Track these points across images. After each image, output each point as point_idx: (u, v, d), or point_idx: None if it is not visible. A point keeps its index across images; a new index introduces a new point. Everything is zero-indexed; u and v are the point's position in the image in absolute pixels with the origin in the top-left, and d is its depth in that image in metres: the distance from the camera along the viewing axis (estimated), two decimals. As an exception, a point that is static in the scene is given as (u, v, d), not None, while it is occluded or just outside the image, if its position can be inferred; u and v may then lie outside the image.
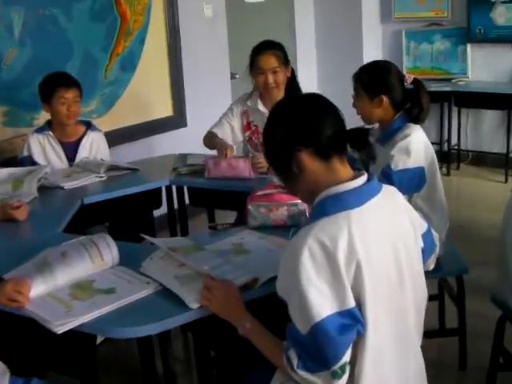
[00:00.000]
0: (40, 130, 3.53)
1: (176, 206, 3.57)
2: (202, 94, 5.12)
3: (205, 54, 5.16)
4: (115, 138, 4.38)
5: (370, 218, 1.55)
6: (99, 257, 2.12)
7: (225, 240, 2.29)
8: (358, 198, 1.55)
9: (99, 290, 1.97)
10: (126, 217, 3.40)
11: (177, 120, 5.02)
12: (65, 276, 2.03)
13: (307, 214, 2.33)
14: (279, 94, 3.33)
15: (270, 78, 3.29)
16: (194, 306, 1.81)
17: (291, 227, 2.32)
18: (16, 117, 3.89)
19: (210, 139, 3.41)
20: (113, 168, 3.42)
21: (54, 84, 3.39)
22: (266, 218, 2.37)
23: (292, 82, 3.40)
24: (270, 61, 3.28)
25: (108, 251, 2.13)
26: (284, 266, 1.56)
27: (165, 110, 4.95)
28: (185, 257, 2.05)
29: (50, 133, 3.49)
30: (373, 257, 1.52)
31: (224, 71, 5.39)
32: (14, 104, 3.87)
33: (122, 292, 1.94)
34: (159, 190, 3.42)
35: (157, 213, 3.62)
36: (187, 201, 3.54)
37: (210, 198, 3.31)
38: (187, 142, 4.66)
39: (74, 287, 2.01)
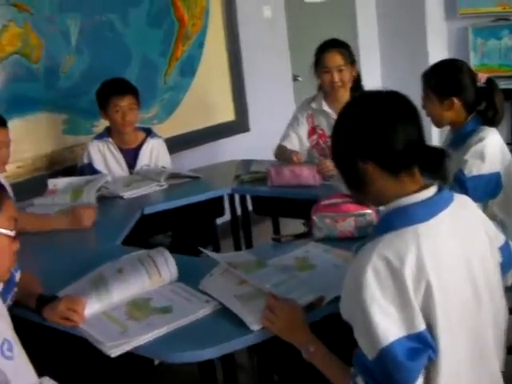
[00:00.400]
0: (99, 136, 3.49)
1: (239, 213, 3.46)
2: (264, 97, 5.00)
3: (265, 56, 5.05)
4: (176, 144, 4.32)
5: (440, 232, 1.43)
6: (157, 273, 2.02)
7: (289, 254, 2.16)
8: (427, 210, 1.44)
9: (155, 309, 1.87)
10: (189, 226, 3.32)
11: (239, 124, 4.92)
12: (121, 294, 1.94)
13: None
14: (345, 95, 3.20)
15: (336, 77, 3.16)
16: (256, 327, 1.69)
17: (358, 239, 2.16)
18: (76, 124, 3.86)
19: (282, 154, 3.31)
20: (174, 176, 3.34)
21: (109, 91, 3.34)
22: (331, 230, 2.22)
23: (357, 83, 3.24)
24: (336, 58, 3.16)
25: (166, 267, 2.03)
26: (347, 286, 1.45)
27: (227, 114, 4.86)
28: (246, 274, 1.93)
29: (110, 139, 3.44)
30: (444, 275, 1.40)
31: (285, 73, 5.26)
32: (74, 112, 3.84)
33: (179, 311, 1.84)
34: (221, 197, 3.33)
35: (220, 220, 3.54)
36: (250, 207, 3.43)
37: (274, 205, 3.20)
38: (250, 146, 4.59)
39: (130, 305, 1.91)
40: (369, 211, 2.16)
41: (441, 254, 1.41)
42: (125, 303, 1.92)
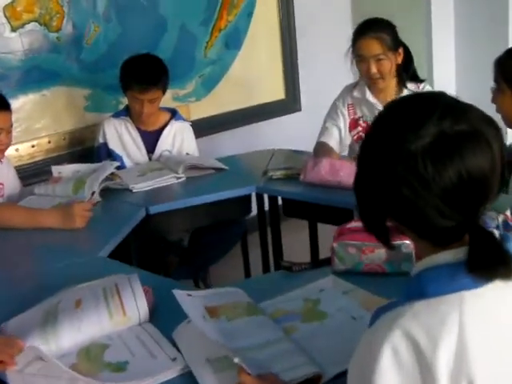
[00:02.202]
0: (117, 114, 3.10)
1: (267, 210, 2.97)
2: (319, 74, 4.44)
3: (323, 29, 4.46)
4: (214, 125, 3.91)
5: (495, 304, 0.96)
6: (121, 311, 1.58)
7: (297, 292, 1.67)
8: None
9: (107, 365, 1.43)
10: (209, 224, 2.86)
11: (289, 104, 4.40)
12: (71, 337, 1.52)
13: (414, 260, 1.64)
14: (389, 85, 2.70)
15: (373, 68, 2.61)
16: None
17: (390, 275, 1.66)
18: (99, 101, 3.46)
19: (319, 153, 2.75)
20: (195, 167, 2.87)
21: (130, 80, 2.90)
22: (356, 262, 1.73)
23: (407, 68, 2.67)
24: (372, 47, 2.61)
25: (133, 304, 1.59)
26: (354, 369, 1.01)
27: (276, 92, 4.34)
28: (225, 323, 1.44)
29: (128, 118, 3.03)
30: (497, 368, 0.93)
31: (345, 49, 4.63)
32: (97, 87, 3.43)
33: (135, 370, 1.40)
34: (247, 196, 2.85)
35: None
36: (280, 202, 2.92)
37: (307, 208, 2.66)
38: (300, 128, 4.08)
39: (82, 354, 1.49)
40: (406, 242, 1.63)
41: (494, 336, 0.94)
42: (78, 348, 1.50)
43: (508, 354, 0.94)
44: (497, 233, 0.99)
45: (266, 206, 2.93)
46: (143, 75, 2.85)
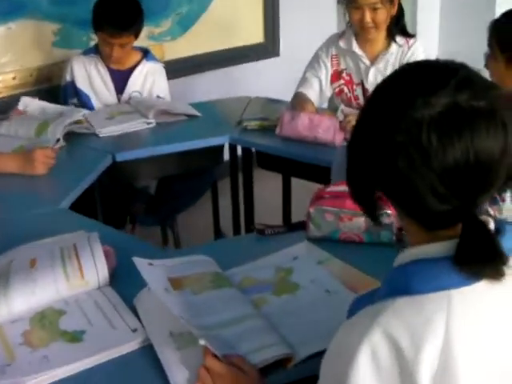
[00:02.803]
0: (87, 51, 2.93)
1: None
2: (300, 17, 4.24)
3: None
4: (189, 66, 3.73)
5: (485, 304, 0.85)
6: (78, 274, 1.45)
7: (268, 258, 1.56)
8: None
9: (63, 333, 1.32)
10: (177, 173, 2.73)
11: (268, 48, 4.23)
12: (24, 301, 1.39)
13: (394, 231, 1.55)
14: (378, 36, 2.54)
15: (368, 16, 2.44)
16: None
17: (368, 245, 1.56)
18: (69, 36, 3.24)
19: (297, 103, 2.59)
20: (167, 112, 2.71)
21: (101, 20, 2.69)
22: (333, 229, 1.62)
23: (397, 22, 2.52)
24: None
25: (92, 267, 1.46)
26: (328, 365, 0.90)
27: (254, 35, 4.15)
28: (190, 296, 1.33)
29: (98, 56, 2.86)
30: (484, 374, 0.83)
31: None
32: (68, 21, 3.21)
33: (91, 341, 1.28)
34: (220, 146, 2.73)
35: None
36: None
37: (282, 161, 2.54)
38: (278, 75, 3.96)
39: (35, 319, 1.37)
40: (387, 211, 1.51)
41: (483, 340, 0.84)
42: (32, 313, 1.38)
43: (496, 358, 0.84)
44: (492, 224, 0.88)
45: (239, 153, 2.82)
46: (116, 18, 2.66)
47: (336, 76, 2.68)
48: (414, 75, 0.86)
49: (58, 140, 2.38)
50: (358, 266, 1.49)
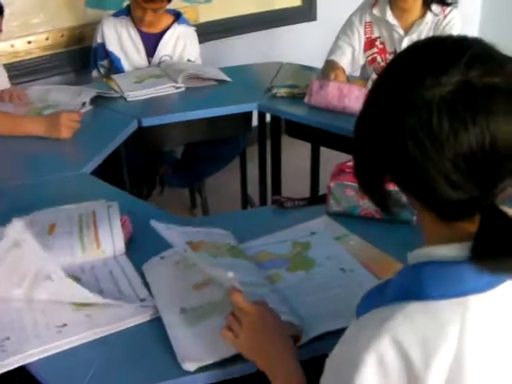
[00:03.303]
0: (118, 13, 2.90)
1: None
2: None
3: None
4: (223, 29, 3.66)
5: (501, 308, 0.80)
6: (94, 243, 1.45)
7: (286, 232, 1.54)
8: None
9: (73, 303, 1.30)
10: (204, 139, 2.71)
11: (305, 11, 4.11)
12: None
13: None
14: (414, 5, 2.41)
15: None
16: (191, 367, 1.12)
17: (387, 222, 1.53)
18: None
19: (328, 71, 2.52)
20: (196, 76, 2.67)
21: None
22: (352, 205, 1.59)
23: None
24: None
25: (109, 238, 1.46)
26: (333, 365, 0.86)
27: (291, -2, 4.03)
28: (207, 261, 1.31)
29: (129, 19, 2.83)
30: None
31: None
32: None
33: (99, 312, 1.26)
34: (249, 113, 2.68)
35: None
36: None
37: (311, 130, 2.49)
38: (314, 39, 3.87)
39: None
40: None
41: (497, 349, 0.79)
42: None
43: (509, 367, 0.80)
44: None
45: (268, 120, 2.78)
46: None
47: (369, 44, 2.61)
48: (424, 52, 0.79)
49: (84, 104, 2.37)
50: (376, 244, 1.46)
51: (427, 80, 0.75)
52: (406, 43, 2.52)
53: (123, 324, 1.23)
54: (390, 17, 2.50)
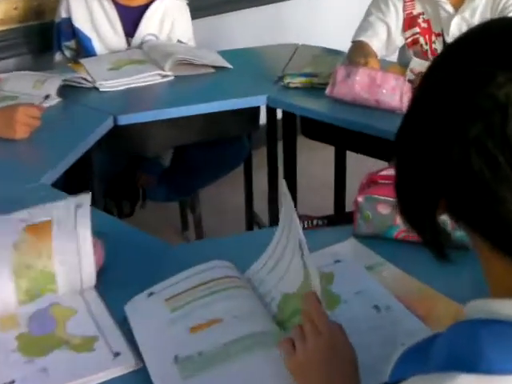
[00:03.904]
0: None
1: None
2: None
3: None
4: (221, 2, 3.69)
5: None
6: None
7: (301, 259, 1.50)
8: None
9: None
10: (199, 142, 2.74)
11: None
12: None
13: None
14: None
15: None
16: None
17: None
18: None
19: (356, 55, 2.53)
20: (189, 63, 2.68)
21: None
22: (388, 225, 1.58)
23: None
24: None
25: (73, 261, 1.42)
26: None
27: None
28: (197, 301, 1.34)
29: None
30: None
31: None
32: None
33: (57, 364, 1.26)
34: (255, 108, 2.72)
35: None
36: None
37: (334, 131, 2.49)
38: (338, 13, 4.01)
39: None
40: None
41: None
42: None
43: None
44: None
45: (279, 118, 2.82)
46: None
47: (410, 22, 2.61)
48: (493, 39, 0.77)
49: (48, 96, 2.36)
50: (419, 275, 1.45)
51: (499, 75, 0.72)
52: (455, 23, 2.53)
53: (90, 381, 1.22)
54: (436, -9, 2.52)
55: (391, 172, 1.60)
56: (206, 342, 1.25)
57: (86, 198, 1.47)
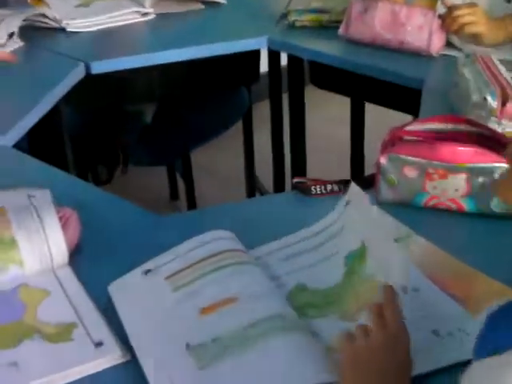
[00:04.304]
0: None
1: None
2: None
3: None
4: None
5: None
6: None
7: (311, 230, 1.58)
8: None
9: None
10: (186, 93, 2.77)
11: None
12: None
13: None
14: None
15: None
16: None
17: (472, 217, 1.58)
18: None
19: None
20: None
21: None
22: (416, 191, 1.62)
23: None
24: None
25: (37, 240, 1.46)
26: None
27: None
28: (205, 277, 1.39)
29: None
30: None
31: None
32: None
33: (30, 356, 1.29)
34: (255, 52, 2.77)
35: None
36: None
37: (350, 78, 2.53)
38: None
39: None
40: (503, 165, 1.51)
41: None
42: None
43: None
44: None
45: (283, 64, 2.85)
46: None
47: None
48: None
49: (12, 35, 2.38)
50: (454, 251, 1.47)
51: None
52: None
53: (68, 375, 1.24)
54: None
55: (419, 127, 1.64)
56: (221, 326, 1.28)
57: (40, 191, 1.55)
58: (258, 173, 3.11)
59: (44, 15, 2.57)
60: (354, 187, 1.55)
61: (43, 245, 1.46)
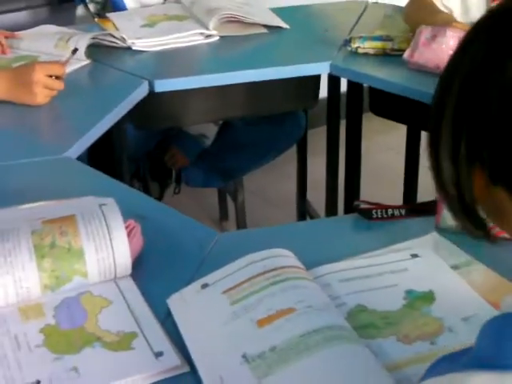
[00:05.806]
0: None
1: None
2: None
3: None
4: None
5: None
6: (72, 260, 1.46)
7: (373, 259, 1.55)
8: None
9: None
10: (245, 115, 2.79)
11: None
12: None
13: None
14: None
15: None
16: None
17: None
18: None
19: (418, 9, 2.55)
20: (237, 20, 2.74)
21: None
22: (479, 218, 1.57)
23: None
24: None
25: (104, 250, 1.46)
26: None
27: None
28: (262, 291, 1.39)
29: None
30: None
31: None
32: None
33: (90, 363, 1.29)
34: (316, 77, 2.75)
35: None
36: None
37: (410, 106, 2.50)
38: None
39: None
40: None
41: None
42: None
43: None
44: None
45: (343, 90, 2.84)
46: None
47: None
48: None
49: (75, 51, 2.40)
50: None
51: None
52: None
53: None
54: None
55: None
56: (278, 335, 1.27)
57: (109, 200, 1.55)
58: (309, 197, 3.10)
59: (111, 34, 2.59)
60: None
61: (109, 257, 1.46)
